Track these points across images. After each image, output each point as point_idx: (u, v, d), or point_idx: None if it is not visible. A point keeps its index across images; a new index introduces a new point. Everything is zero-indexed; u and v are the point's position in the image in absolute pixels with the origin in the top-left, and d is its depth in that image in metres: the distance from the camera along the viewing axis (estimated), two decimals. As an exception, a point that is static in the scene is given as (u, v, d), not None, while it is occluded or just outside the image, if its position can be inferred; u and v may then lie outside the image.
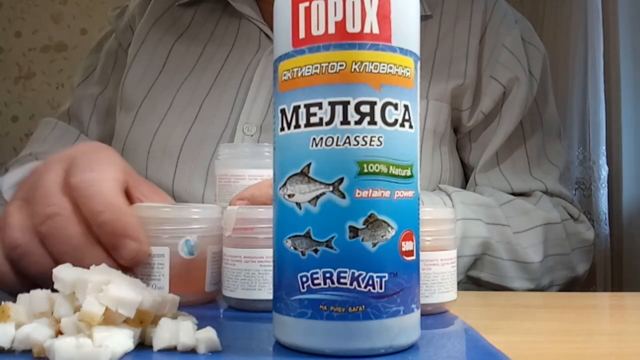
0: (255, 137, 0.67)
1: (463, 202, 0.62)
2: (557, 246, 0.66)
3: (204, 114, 0.69)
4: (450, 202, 0.62)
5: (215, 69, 0.72)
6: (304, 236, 0.29)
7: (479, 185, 0.71)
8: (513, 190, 0.70)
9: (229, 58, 0.72)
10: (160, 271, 0.43)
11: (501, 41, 0.72)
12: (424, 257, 0.38)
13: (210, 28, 0.75)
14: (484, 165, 0.71)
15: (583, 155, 1.35)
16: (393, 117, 0.29)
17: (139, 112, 0.72)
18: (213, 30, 0.75)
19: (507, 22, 0.73)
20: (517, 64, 0.71)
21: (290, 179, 0.30)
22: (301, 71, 0.30)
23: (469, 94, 0.70)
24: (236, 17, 0.74)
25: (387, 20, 0.29)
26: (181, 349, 0.30)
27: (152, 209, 0.44)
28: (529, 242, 0.63)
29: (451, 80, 0.69)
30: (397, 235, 0.29)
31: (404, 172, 0.30)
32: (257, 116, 0.67)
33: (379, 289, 0.29)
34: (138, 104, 0.72)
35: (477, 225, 0.60)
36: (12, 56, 2.24)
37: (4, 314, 0.31)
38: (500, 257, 0.61)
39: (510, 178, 0.71)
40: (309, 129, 0.29)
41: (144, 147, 0.69)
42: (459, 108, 0.71)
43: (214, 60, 0.72)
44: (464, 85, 0.69)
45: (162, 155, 0.68)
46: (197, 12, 0.77)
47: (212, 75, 0.71)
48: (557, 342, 0.36)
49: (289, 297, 0.30)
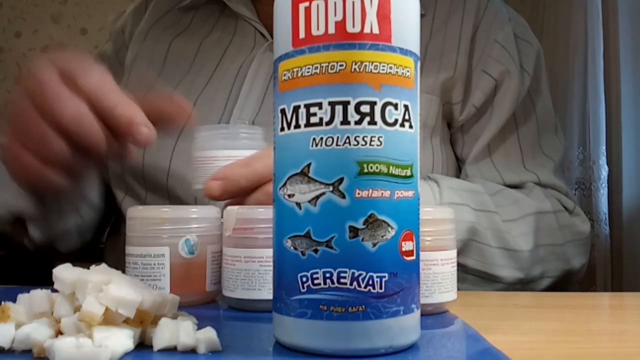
0: None
1: (451, 188, 0.62)
2: (549, 236, 0.66)
3: (198, 110, 0.71)
4: (437, 188, 0.62)
5: (211, 67, 0.74)
6: (304, 236, 0.29)
7: (469, 176, 0.72)
8: (504, 182, 0.70)
9: (225, 56, 0.74)
10: (160, 271, 0.43)
11: (493, 37, 0.73)
12: (424, 257, 0.38)
13: (208, 29, 0.77)
14: (475, 156, 0.72)
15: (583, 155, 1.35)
16: (393, 117, 0.29)
17: None
18: (210, 31, 0.77)
19: (500, 19, 0.74)
20: (509, 58, 0.72)
21: (290, 179, 0.30)
22: (301, 71, 0.30)
23: (460, 87, 0.71)
24: (233, 17, 0.77)
25: (387, 20, 0.29)
26: (181, 349, 0.30)
27: (152, 209, 0.45)
28: (519, 230, 0.63)
29: (441, 72, 0.70)
30: (397, 235, 0.29)
31: (404, 172, 0.30)
32: (249, 112, 0.69)
33: (379, 289, 0.29)
34: None
35: (464, 210, 0.60)
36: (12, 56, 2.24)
37: (4, 314, 0.31)
38: (487, 244, 0.61)
39: (501, 169, 0.71)
40: (309, 129, 0.29)
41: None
42: (450, 102, 0.72)
43: (211, 59, 0.75)
44: (454, 78, 0.70)
45: (157, 149, 0.70)
46: (195, 15, 0.79)
47: (208, 73, 0.74)
48: (557, 342, 0.36)
49: (289, 297, 0.30)
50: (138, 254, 0.43)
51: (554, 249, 0.66)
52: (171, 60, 0.76)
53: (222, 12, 0.78)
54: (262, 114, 0.69)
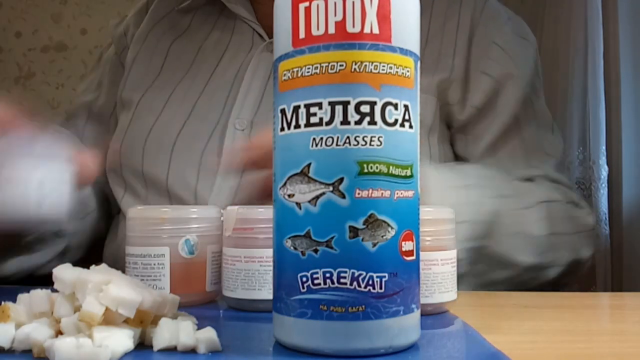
0: (247, 132, 0.69)
1: (473, 170, 0.63)
2: (560, 225, 0.66)
3: (197, 110, 0.72)
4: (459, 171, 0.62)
5: (210, 67, 0.74)
6: (304, 236, 0.29)
7: None
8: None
9: (224, 57, 0.75)
10: (160, 271, 0.43)
11: (491, 38, 0.73)
12: (423, 257, 0.38)
13: (207, 30, 0.78)
14: (481, 155, 0.72)
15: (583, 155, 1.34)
16: (393, 117, 0.29)
17: (137, 109, 0.75)
18: (209, 32, 0.78)
19: (498, 20, 0.75)
20: (509, 60, 0.72)
21: (290, 179, 0.30)
22: (301, 71, 0.30)
23: (456, 87, 0.71)
24: (231, 19, 0.77)
25: (387, 20, 0.29)
26: (181, 349, 0.30)
27: (152, 209, 0.45)
28: (534, 216, 0.64)
29: (437, 74, 0.71)
30: (397, 235, 0.29)
31: (404, 172, 0.30)
32: (248, 111, 0.70)
33: (379, 289, 0.29)
34: (136, 102, 0.75)
35: (485, 194, 0.60)
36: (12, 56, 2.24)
37: (4, 314, 0.31)
38: (507, 228, 0.61)
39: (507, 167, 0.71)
40: (309, 129, 0.29)
41: (140, 141, 0.72)
42: (447, 102, 0.72)
43: (209, 60, 0.75)
44: (450, 79, 0.71)
45: (157, 149, 0.71)
46: (194, 17, 0.80)
47: (206, 74, 0.74)
48: (557, 342, 0.36)
49: (289, 297, 0.30)
50: (138, 254, 0.43)
51: (564, 238, 0.66)
52: (170, 62, 0.77)
53: (222, 12, 0.78)
54: (260, 113, 0.70)
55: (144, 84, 0.76)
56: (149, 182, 0.71)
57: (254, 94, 0.71)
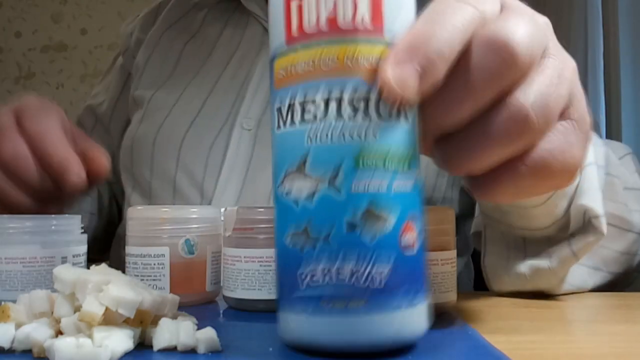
0: (253, 131, 0.69)
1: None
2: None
3: (207, 108, 0.72)
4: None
5: (221, 66, 0.75)
6: (302, 233, 0.29)
7: None
8: None
9: (235, 55, 0.75)
10: (160, 271, 0.43)
11: None
12: (424, 257, 0.38)
13: (220, 27, 0.79)
14: None
15: (583, 155, 1.34)
16: (387, 110, 0.29)
17: (148, 106, 0.76)
18: (222, 30, 0.78)
19: None
20: None
21: (287, 176, 0.30)
22: (295, 67, 0.30)
23: None
24: (245, 15, 0.77)
25: (379, 14, 0.29)
26: (181, 349, 0.30)
27: (152, 209, 0.45)
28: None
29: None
30: (396, 227, 0.29)
31: (400, 164, 0.30)
32: (256, 110, 0.70)
33: (379, 282, 0.29)
34: (148, 99, 0.77)
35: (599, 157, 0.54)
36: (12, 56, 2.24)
37: (4, 314, 0.31)
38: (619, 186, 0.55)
39: None
40: (303, 125, 0.29)
41: (151, 138, 0.73)
42: None
43: (221, 58, 0.76)
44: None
45: (166, 146, 0.72)
46: (208, 14, 0.80)
47: (217, 72, 0.75)
48: (557, 342, 0.36)
49: (290, 295, 0.30)
50: (138, 254, 0.43)
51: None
52: (183, 62, 0.78)
53: (236, 9, 0.79)
54: (269, 112, 0.70)
55: (156, 83, 0.77)
56: (157, 178, 0.71)
57: (264, 92, 0.71)
